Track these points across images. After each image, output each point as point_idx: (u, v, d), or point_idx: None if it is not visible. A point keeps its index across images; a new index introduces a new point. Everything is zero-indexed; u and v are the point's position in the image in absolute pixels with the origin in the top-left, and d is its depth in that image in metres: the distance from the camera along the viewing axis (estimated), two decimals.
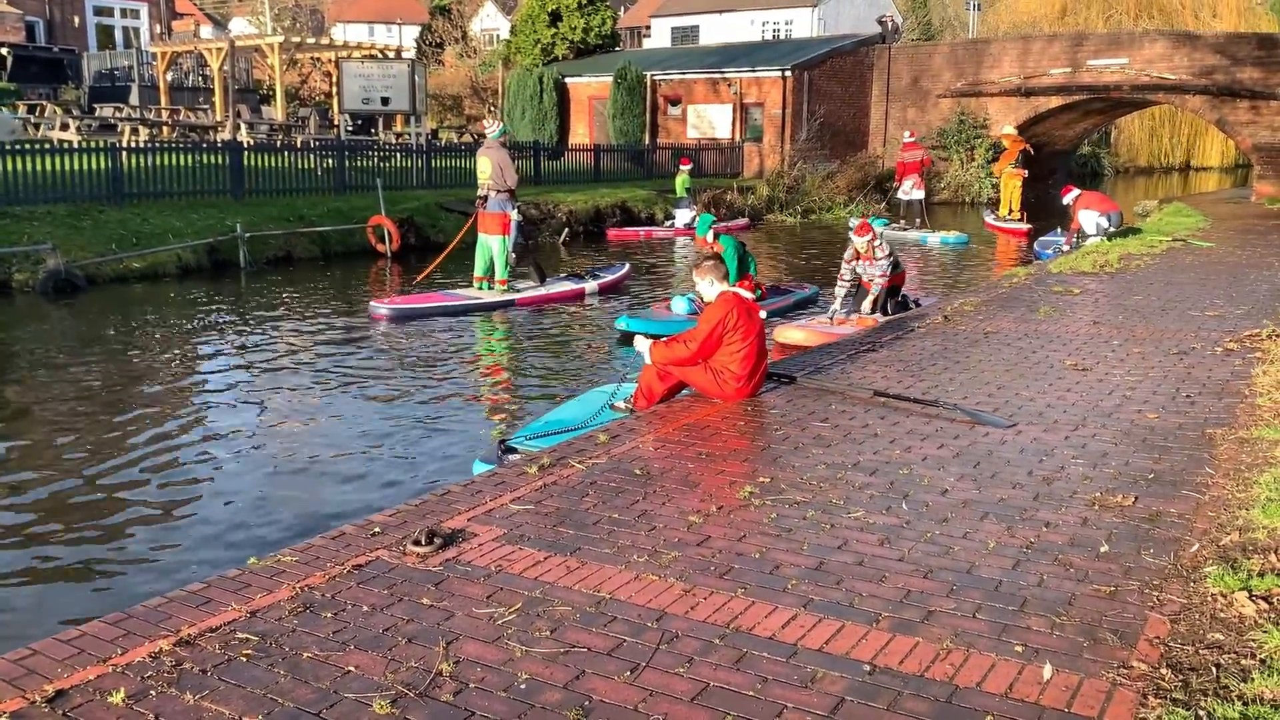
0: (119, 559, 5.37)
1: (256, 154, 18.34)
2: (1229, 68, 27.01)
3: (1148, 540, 4.05)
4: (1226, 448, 5.27)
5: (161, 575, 5.03)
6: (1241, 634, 3.25)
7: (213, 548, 5.43)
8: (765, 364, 6.48)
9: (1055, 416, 5.92)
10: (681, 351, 6.24)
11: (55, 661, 3.14)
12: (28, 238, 13.27)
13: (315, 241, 16.56)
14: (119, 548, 5.50)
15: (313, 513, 5.90)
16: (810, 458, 5.17)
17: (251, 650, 3.21)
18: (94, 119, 23.47)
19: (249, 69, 31.39)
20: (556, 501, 4.57)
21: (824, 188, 27.16)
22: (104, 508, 6.06)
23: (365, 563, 3.90)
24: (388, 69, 24.29)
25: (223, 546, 5.42)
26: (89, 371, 9.25)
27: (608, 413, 6.55)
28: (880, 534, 4.15)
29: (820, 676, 3.04)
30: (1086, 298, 10.36)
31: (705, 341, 6.15)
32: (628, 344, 10.03)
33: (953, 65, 31.33)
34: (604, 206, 22.07)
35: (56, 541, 5.54)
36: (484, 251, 12.50)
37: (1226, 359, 7.46)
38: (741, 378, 6.18)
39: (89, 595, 4.93)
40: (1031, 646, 3.21)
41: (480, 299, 12.16)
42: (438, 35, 47.49)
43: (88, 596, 4.92)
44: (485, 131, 12.95)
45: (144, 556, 5.38)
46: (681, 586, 3.66)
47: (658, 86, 31.78)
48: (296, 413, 7.99)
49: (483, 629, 3.36)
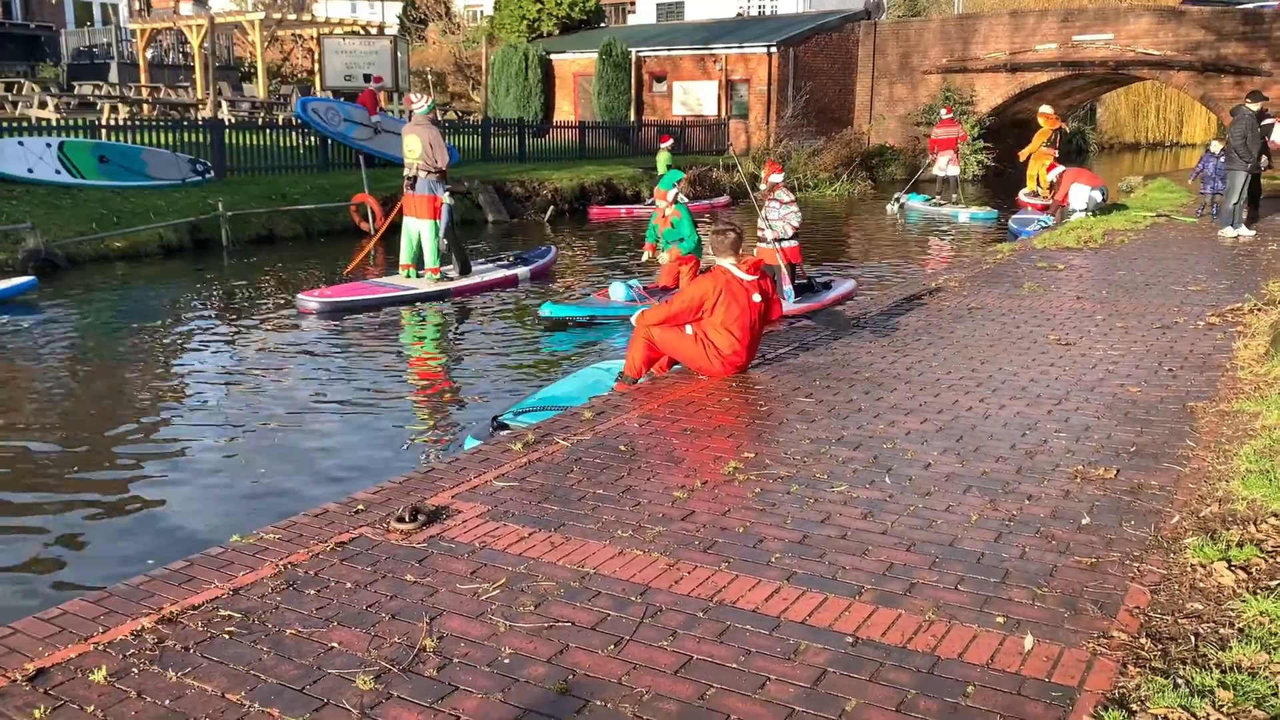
0: (99, 538, 5.35)
1: (238, 132, 18.18)
2: (1214, 43, 27.02)
3: (1129, 512, 4.08)
4: (1207, 420, 5.30)
5: (143, 553, 5.01)
6: (1220, 603, 3.28)
7: (194, 525, 5.41)
8: (756, 343, 6.47)
9: (1038, 391, 5.95)
10: (658, 313, 6.35)
11: (36, 640, 3.13)
12: (7, 216, 13.13)
13: (298, 220, 16.45)
14: (99, 526, 5.48)
15: (295, 491, 5.89)
16: (794, 433, 5.18)
17: (234, 628, 3.21)
18: (73, 97, 23.22)
19: (230, 46, 31.10)
20: (541, 478, 4.56)
21: (810, 164, 27.12)
22: (82, 488, 6.03)
23: (348, 540, 3.89)
24: (370, 45, 24.10)
25: (205, 524, 5.39)
26: (66, 352, 9.18)
27: (601, 388, 6.54)
28: (863, 508, 4.17)
29: (803, 649, 3.05)
30: (1070, 273, 10.39)
31: (682, 309, 6.25)
32: (554, 330, 9.99)
33: (941, 41, 31.25)
34: (589, 184, 21.98)
35: (35, 521, 5.51)
36: (411, 237, 11.72)
37: (1208, 333, 7.50)
38: (728, 354, 6.18)
39: (69, 574, 4.91)
40: (1013, 618, 3.23)
41: (414, 289, 11.37)
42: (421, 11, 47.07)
43: (68, 575, 4.90)
44: (412, 107, 11.84)
45: (125, 535, 5.36)
46: (666, 561, 3.67)
47: (643, 63, 31.61)
48: (277, 392, 7.95)
49: (466, 604, 3.36)
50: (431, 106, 11.80)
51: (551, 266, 13.48)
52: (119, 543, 5.28)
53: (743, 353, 6.24)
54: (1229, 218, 13.16)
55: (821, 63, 31.05)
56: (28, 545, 5.23)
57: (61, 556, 5.13)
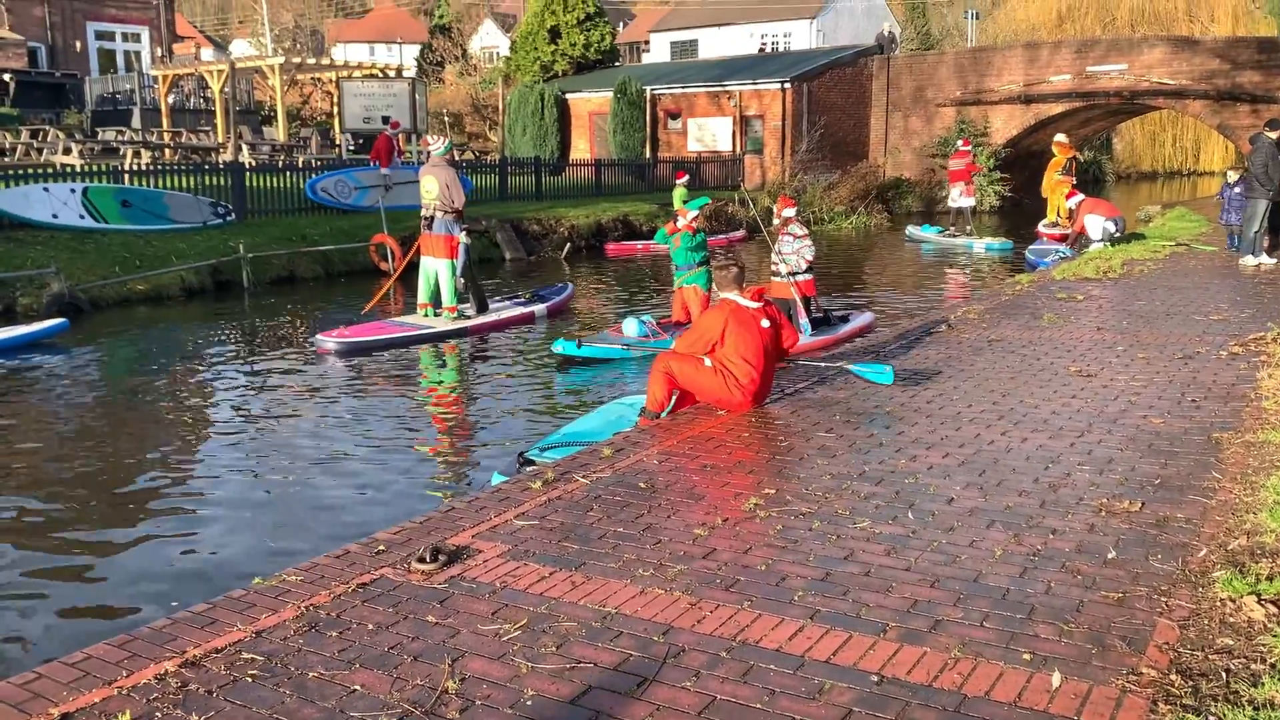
0: (122, 580, 5.36)
1: (258, 175, 18.40)
2: (1229, 72, 27.02)
3: (1155, 546, 4.03)
4: (1233, 452, 5.25)
5: (165, 596, 5.03)
6: (1251, 639, 3.23)
7: (217, 568, 5.42)
8: (772, 370, 6.48)
9: (1060, 423, 5.91)
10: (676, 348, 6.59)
11: (61, 685, 3.14)
12: (31, 262, 13.32)
13: (318, 261, 16.60)
14: (122, 569, 5.50)
15: (317, 531, 5.90)
16: (815, 468, 5.16)
17: (257, 670, 3.21)
18: (97, 142, 23.59)
19: (250, 90, 31.52)
20: (561, 516, 4.56)
21: (826, 198, 27.20)
22: (106, 530, 6.06)
23: (370, 581, 3.89)
24: (388, 88, 24.41)
25: (227, 567, 5.41)
26: (89, 394, 9.26)
27: (625, 423, 6.54)
28: (887, 544, 4.14)
29: (828, 688, 3.02)
30: (1090, 304, 10.34)
31: (696, 339, 6.40)
32: (565, 369, 10.02)
33: (955, 74, 31.38)
34: (605, 221, 22.10)
35: (60, 562, 5.54)
36: (429, 276, 11.83)
37: (1231, 363, 7.44)
38: (746, 382, 6.19)
39: (93, 617, 4.92)
40: (1040, 654, 3.19)
41: (431, 328, 11.47)
42: (438, 54, 47.70)
43: (92, 618, 4.91)
44: (429, 148, 12.08)
45: (148, 577, 5.37)
46: (687, 600, 3.65)
47: (658, 100, 31.87)
48: (297, 435, 7.98)
49: (488, 646, 3.35)
50: (448, 148, 11.97)
51: (569, 304, 13.53)
52: (142, 585, 5.29)
53: (758, 380, 6.24)
54: (1250, 246, 13.10)
55: (835, 97, 31.22)
56: (52, 588, 5.25)
57: (85, 599, 5.15)
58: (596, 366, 10.02)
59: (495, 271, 17.81)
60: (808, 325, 10.34)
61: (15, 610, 4.99)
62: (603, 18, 37.14)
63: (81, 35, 32.90)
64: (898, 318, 12.24)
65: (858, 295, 15.01)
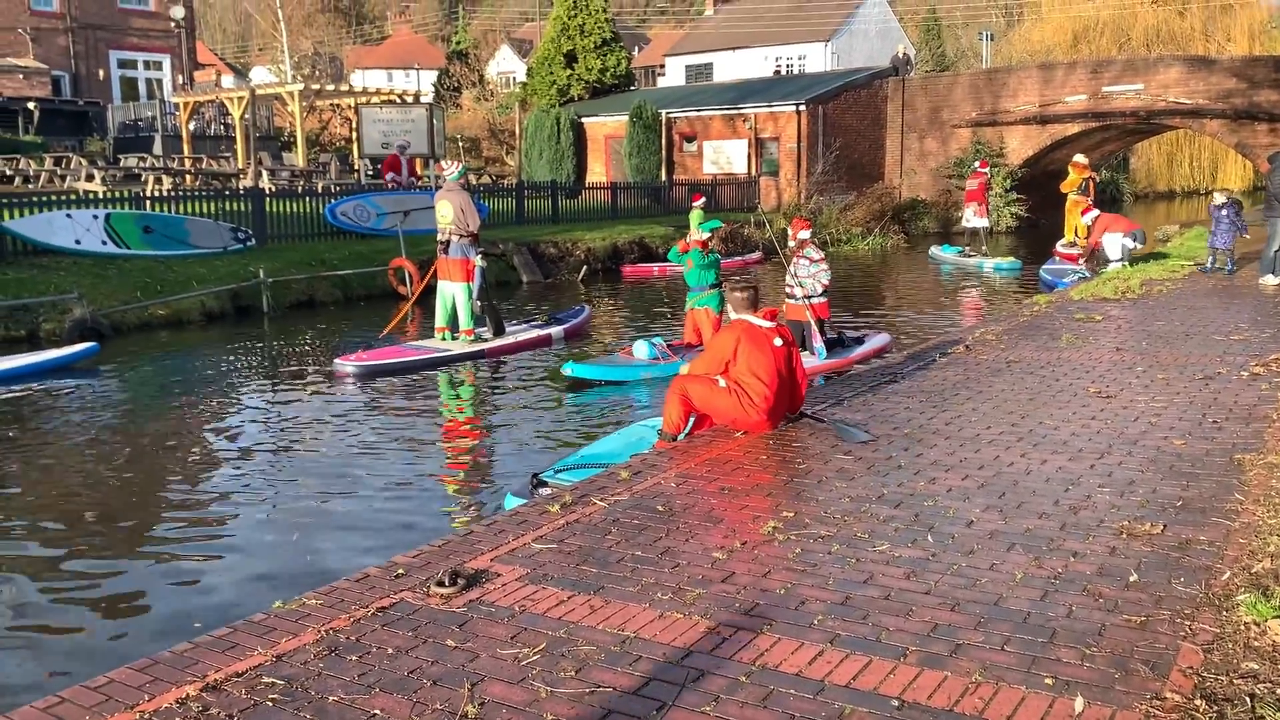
0: (143, 604, 5.39)
1: (278, 200, 18.56)
2: (1246, 91, 26.94)
3: (1178, 569, 4.00)
4: (1256, 473, 5.21)
5: (187, 620, 5.05)
6: (1276, 663, 3.20)
7: (237, 591, 5.44)
8: (790, 393, 6.47)
9: (1080, 445, 5.87)
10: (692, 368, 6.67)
11: (83, 709, 3.16)
12: (55, 287, 13.46)
13: (337, 285, 16.71)
14: (143, 593, 5.52)
15: (336, 555, 5.92)
16: (834, 491, 5.15)
17: (277, 695, 3.22)
18: (119, 169, 23.85)
19: (270, 117, 31.85)
20: (579, 540, 4.56)
21: (842, 219, 27.22)
22: (128, 555, 6.09)
23: (389, 604, 3.90)
24: (406, 114, 24.58)
25: (247, 590, 5.43)
26: (110, 419, 9.34)
27: (645, 445, 6.54)
28: (906, 567, 4.12)
29: (848, 713, 3.01)
30: (1109, 324, 10.30)
31: (710, 359, 6.46)
32: (575, 390, 10.03)
33: (971, 95, 31.41)
34: (622, 244, 22.17)
35: (81, 586, 5.57)
36: (446, 300, 11.90)
37: (1253, 383, 7.39)
38: (760, 401, 6.19)
39: (115, 641, 4.95)
40: (1062, 679, 3.17)
41: (449, 350, 11.53)
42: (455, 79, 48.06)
43: (113, 642, 4.93)
44: (444, 173, 12.18)
45: (170, 601, 5.40)
46: (706, 624, 3.64)
47: (673, 124, 32.01)
48: (316, 458, 8.02)
49: (507, 670, 3.35)
50: (463, 172, 12.08)
51: (586, 326, 13.57)
52: (163, 609, 5.32)
53: (772, 398, 6.24)
54: (1269, 265, 13.04)
55: (851, 119, 31.28)
56: (74, 612, 5.28)
57: (106, 623, 5.18)
58: (606, 388, 10.03)
59: (513, 294, 17.88)
60: (823, 349, 10.33)
61: (37, 635, 5.03)
62: (618, 42, 37.39)
63: (104, 64, 33.37)
64: (914, 339, 12.22)
65: (874, 317, 14.99)
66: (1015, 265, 20.21)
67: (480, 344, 11.87)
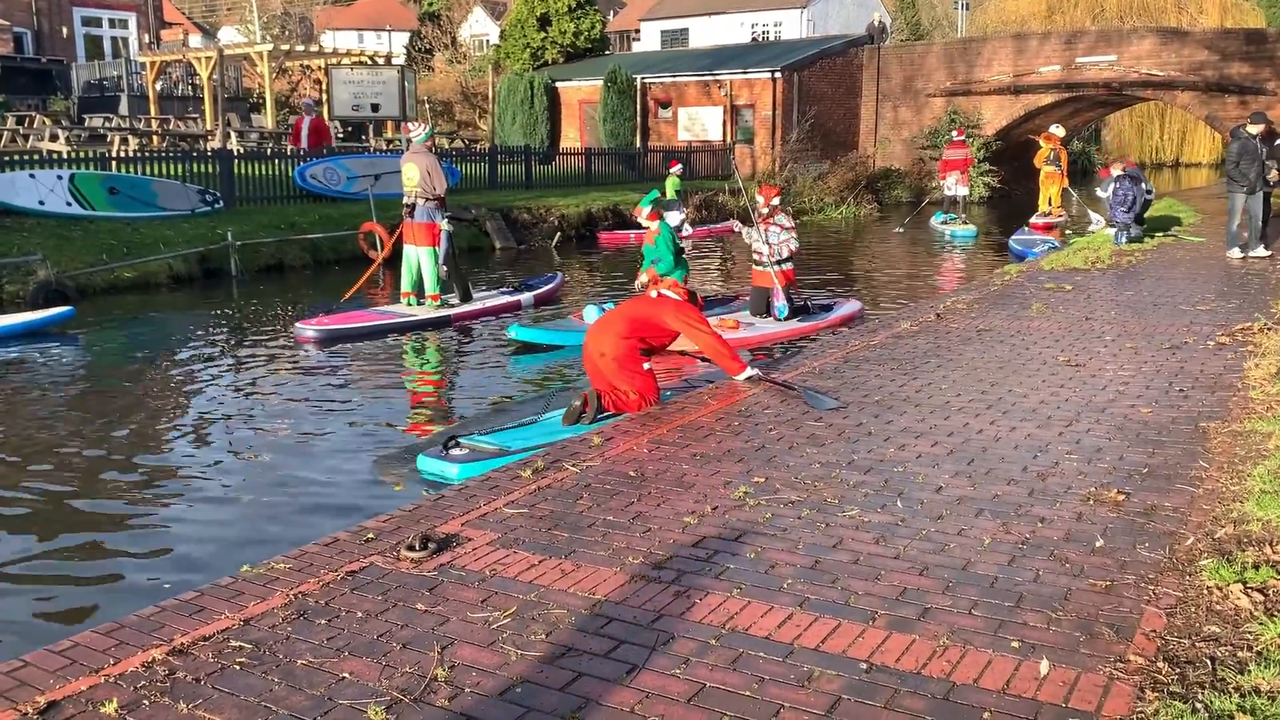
0: (108, 568, 5.34)
1: (247, 162, 18.29)
2: (1218, 63, 27.09)
3: (1143, 534, 4.05)
4: (1220, 441, 5.28)
5: (153, 584, 5.00)
6: (1237, 626, 3.25)
7: (205, 555, 5.40)
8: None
9: (1049, 412, 5.92)
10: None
11: (47, 672, 3.13)
12: (17, 249, 13.21)
13: (306, 249, 16.51)
14: (109, 557, 5.47)
15: (305, 520, 5.88)
16: (805, 457, 5.17)
17: (245, 658, 3.20)
18: (83, 129, 23.41)
19: (238, 77, 31.33)
20: (551, 505, 4.55)
21: (815, 188, 27.20)
22: (92, 518, 6.03)
23: (359, 569, 3.88)
24: (377, 75, 24.27)
25: (215, 554, 5.39)
26: (75, 383, 9.21)
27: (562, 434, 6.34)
28: (875, 532, 4.15)
29: (817, 675, 3.03)
30: (1078, 294, 10.37)
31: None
32: (521, 354, 9.99)
33: (945, 65, 31.37)
34: (596, 210, 22.05)
35: (44, 550, 5.51)
36: (411, 264, 11.76)
37: (1219, 353, 7.47)
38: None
39: (79, 605, 4.90)
40: (1028, 642, 3.20)
41: (413, 316, 11.38)
42: (427, 41, 47.45)
43: (78, 606, 4.88)
44: (410, 135, 11.95)
45: (135, 565, 5.35)
46: (677, 588, 3.65)
47: (648, 89, 31.79)
48: (283, 421, 7.95)
49: (478, 633, 3.35)
50: (429, 134, 11.89)
51: (556, 293, 13.49)
52: (129, 573, 5.27)
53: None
54: (1233, 239, 13.20)
55: (825, 87, 31.19)
56: (38, 575, 5.22)
57: (72, 587, 5.12)
58: (551, 353, 9.98)
59: (486, 261, 17.76)
60: (784, 307, 10.38)
61: (1, 598, 4.97)
62: (593, 5, 36.99)
63: (68, 21, 32.62)
64: (885, 306, 12.26)
65: (846, 285, 15.02)
66: (970, 233, 20.95)
67: (446, 309, 11.77)
